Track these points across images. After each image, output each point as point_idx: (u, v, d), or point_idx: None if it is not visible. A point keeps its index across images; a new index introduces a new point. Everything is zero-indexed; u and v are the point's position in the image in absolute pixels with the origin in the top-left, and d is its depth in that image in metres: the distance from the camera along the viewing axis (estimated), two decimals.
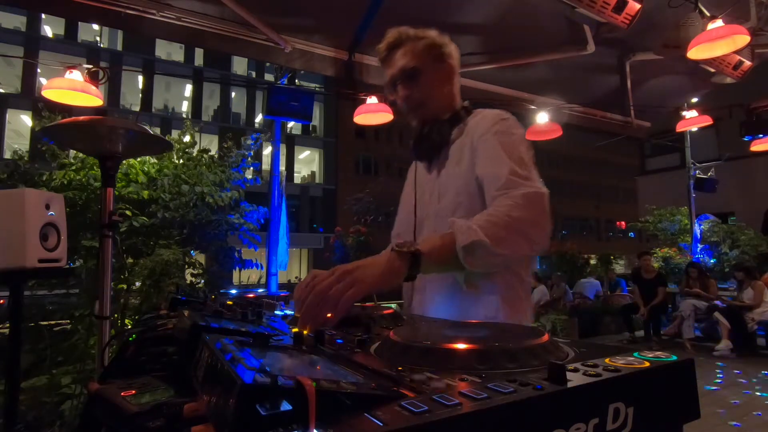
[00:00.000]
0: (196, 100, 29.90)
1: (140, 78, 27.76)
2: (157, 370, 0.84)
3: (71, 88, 3.30)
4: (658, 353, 0.56)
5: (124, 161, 4.18)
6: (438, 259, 0.95)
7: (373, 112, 4.16)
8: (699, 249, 9.80)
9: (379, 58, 1.34)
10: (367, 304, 1.22)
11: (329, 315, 0.80)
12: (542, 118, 4.91)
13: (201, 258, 5.34)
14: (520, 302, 1.18)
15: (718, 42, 3.06)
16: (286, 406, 0.38)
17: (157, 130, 9.38)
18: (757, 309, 6.01)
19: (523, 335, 0.65)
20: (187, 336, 0.69)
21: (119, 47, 27.75)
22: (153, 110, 27.98)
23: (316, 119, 31.78)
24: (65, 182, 4.35)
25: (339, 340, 0.72)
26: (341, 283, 0.82)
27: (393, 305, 1.29)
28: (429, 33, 1.30)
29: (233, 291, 1.94)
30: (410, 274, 0.92)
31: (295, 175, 31.89)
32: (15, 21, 25.10)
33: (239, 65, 30.66)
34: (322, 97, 29.48)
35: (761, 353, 5.98)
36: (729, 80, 3.94)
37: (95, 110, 4.67)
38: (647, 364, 0.52)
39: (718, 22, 3.02)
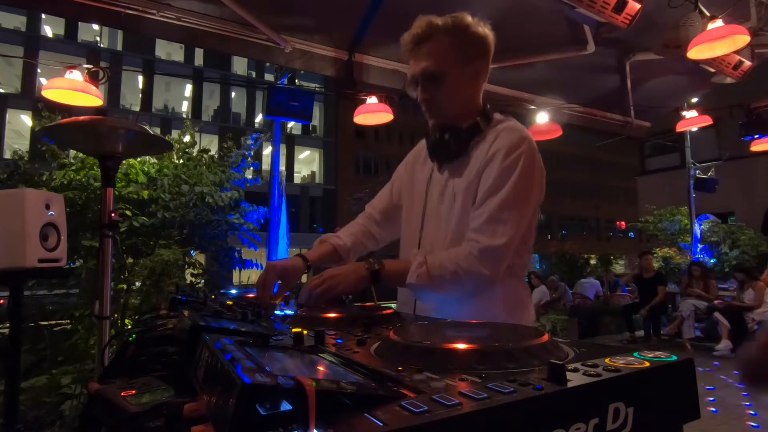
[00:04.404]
0: (196, 100, 29.89)
1: (140, 78, 27.75)
2: (157, 370, 0.84)
3: (71, 88, 3.30)
4: (658, 353, 0.55)
5: (124, 161, 4.17)
6: (393, 280, 1.22)
7: (373, 112, 4.16)
8: (699, 249, 9.79)
9: (403, 49, 1.25)
10: (367, 304, 1.23)
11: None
12: (542, 118, 4.91)
13: (201, 258, 5.33)
14: (517, 303, 1.26)
15: (718, 42, 3.06)
16: (286, 406, 0.38)
17: (157, 130, 9.38)
18: (757, 309, 6.01)
19: (523, 335, 0.65)
20: (187, 336, 0.69)
21: (119, 47, 27.74)
22: (153, 110, 27.97)
23: (316, 119, 31.75)
24: (65, 182, 4.34)
25: (339, 340, 0.72)
26: (320, 287, 1.13)
27: (393, 305, 1.29)
28: (462, 23, 1.20)
29: (233, 291, 1.94)
30: (372, 283, 1.20)
31: (295, 175, 31.86)
32: (15, 21, 25.09)
33: (239, 65, 30.64)
34: (322, 97, 29.45)
35: None
36: (729, 80, 3.94)
37: (95, 110, 4.67)
38: (647, 364, 0.52)
39: (718, 22, 3.02)
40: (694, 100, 5.99)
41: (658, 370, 0.52)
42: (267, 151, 25.22)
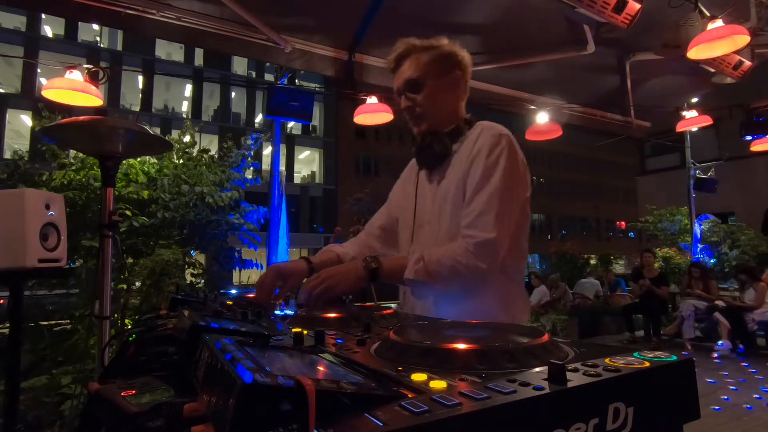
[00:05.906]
0: (196, 100, 29.87)
1: (140, 78, 27.74)
2: (157, 370, 0.84)
3: (71, 88, 3.30)
4: (658, 353, 0.55)
5: (124, 161, 4.18)
6: (391, 278, 1.24)
7: (373, 112, 4.15)
8: (699, 249, 9.78)
9: (388, 68, 1.39)
10: (367, 304, 1.23)
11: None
12: (542, 118, 4.91)
13: (201, 258, 5.33)
14: (514, 303, 1.29)
15: (718, 42, 3.06)
16: (286, 406, 0.38)
17: (157, 130, 9.36)
18: (758, 309, 6.01)
19: (523, 335, 0.65)
20: (187, 336, 0.69)
21: (119, 47, 27.72)
22: (153, 110, 27.96)
23: (316, 119, 31.73)
24: (65, 182, 4.34)
25: (339, 340, 0.72)
26: (319, 288, 1.14)
27: (393, 305, 1.29)
28: (438, 43, 1.33)
29: (233, 291, 1.94)
30: (371, 281, 1.21)
31: (295, 175, 31.85)
32: (15, 21, 25.07)
33: (239, 65, 30.63)
34: (322, 97, 29.44)
35: (761, 353, 5.98)
36: (729, 80, 3.94)
37: (95, 110, 4.67)
38: (647, 364, 0.52)
39: (718, 22, 3.02)
40: (694, 100, 6.00)
41: (658, 370, 0.52)
42: (267, 151, 25.22)
